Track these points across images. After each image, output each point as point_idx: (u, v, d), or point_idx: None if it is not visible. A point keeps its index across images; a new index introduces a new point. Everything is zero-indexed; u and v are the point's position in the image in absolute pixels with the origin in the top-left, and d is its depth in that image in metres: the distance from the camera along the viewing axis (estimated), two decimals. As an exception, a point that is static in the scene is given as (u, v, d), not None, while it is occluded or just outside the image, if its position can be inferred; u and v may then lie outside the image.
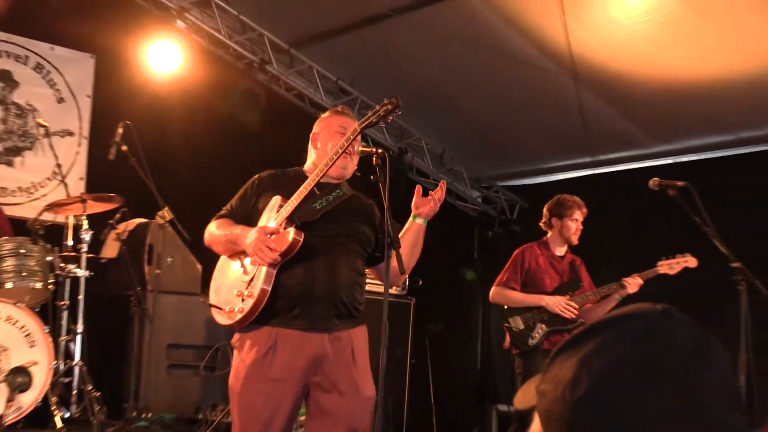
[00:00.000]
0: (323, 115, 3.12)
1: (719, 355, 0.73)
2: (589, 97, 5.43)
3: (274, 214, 2.87)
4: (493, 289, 4.73)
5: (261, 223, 2.88)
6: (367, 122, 2.78)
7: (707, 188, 4.14)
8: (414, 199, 2.90)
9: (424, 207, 2.85)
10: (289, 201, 2.86)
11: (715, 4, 4.67)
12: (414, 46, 5.72)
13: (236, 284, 2.88)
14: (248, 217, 2.95)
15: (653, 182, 4.05)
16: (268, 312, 2.80)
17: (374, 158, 2.81)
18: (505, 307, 4.74)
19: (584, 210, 4.71)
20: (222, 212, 3.01)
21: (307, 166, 3.01)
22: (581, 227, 4.66)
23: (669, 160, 5.92)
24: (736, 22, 4.72)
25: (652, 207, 4.88)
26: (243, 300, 2.83)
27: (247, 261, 2.87)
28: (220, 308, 2.92)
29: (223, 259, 3.01)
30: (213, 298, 2.95)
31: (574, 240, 4.71)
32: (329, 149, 2.86)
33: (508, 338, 4.70)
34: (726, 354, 0.73)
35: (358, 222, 2.98)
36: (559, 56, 5.17)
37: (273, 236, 2.81)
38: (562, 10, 4.68)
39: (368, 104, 5.96)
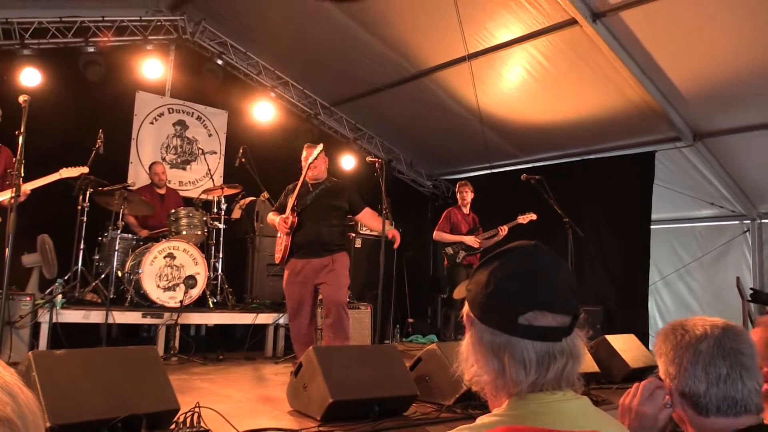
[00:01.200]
0: (304, 148, 4.69)
1: (564, 266, 1.09)
2: (488, 131, 7.72)
3: (289, 207, 4.50)
4: (434, 232, 6.85)
5: (285, 211, 4.50)
6: (312, 158, 4.50)
7: (549, 179, 6.27)
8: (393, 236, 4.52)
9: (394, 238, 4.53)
10: (291, 198, 4.47)
11: (551, 82, 6.78)
12: (397, 105, 8.16)
13: (279, 243, 4.60)
14: (283, 209, 4.58)
15: (523, 176, 6.19)
16: (290, 253, 4.41)
17: (377, 164, 4.57)
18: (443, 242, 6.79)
19: (467, 188, 6.86)
20: (274, 207, 4.75)
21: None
22: (466, 198, 6.82)
23: (529, 165, 8.33)
24: (562, 92, 6.95)
25: (521, 190, 6.48)
26: (279, 251, 4.51)
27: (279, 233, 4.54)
28: (276, 255, 4.62)
29: (278, 233, 4.63)
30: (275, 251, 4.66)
31: (466, 203, 6.82)
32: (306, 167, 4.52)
33: (445, 258, 6.84)
34: (567, 265, 1.16)
35: (335, 199, 4.46)
36: (473, 110, 7.51)
37: (286, 220, 4.40)
38: (474, 86, 7.07)
39: (372, 136, 8.86)
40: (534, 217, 6.66)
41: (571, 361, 1.07)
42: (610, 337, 4.63)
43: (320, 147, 4.55)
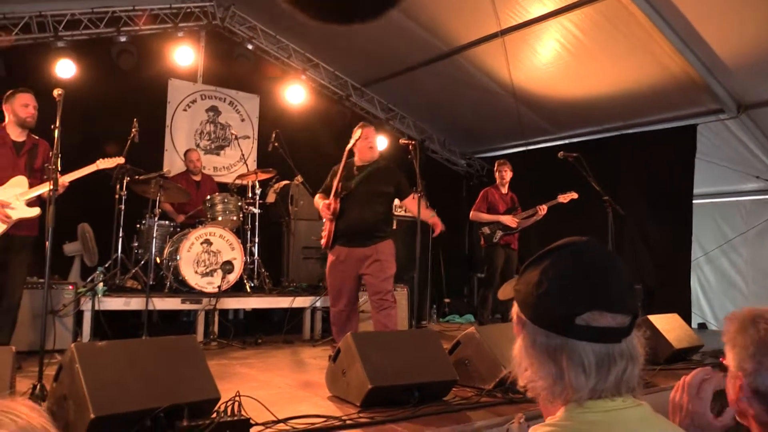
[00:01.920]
0: (355, 128, 4.48)
1: (620, 262, 1.03)
2: (522, 108, 7.60)
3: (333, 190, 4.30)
4: (471, 212, 6.74)
5: (330, 195, 4.29)
6: (354, 140, 4.36)
7: (585, 155, 6.05)
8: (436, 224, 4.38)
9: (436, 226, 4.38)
10: (335, 182, 4.25)
11: (586, 56, 6.62)
12: (429, 84, 8.05)
13: (323, 227, 4.46)
14: (329, 191, 4.34)
15: (560, 154, 5.95)
16: (336, 240, 4.28)
17: (411, 146, 4.37)
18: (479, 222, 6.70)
19: (506, 167, 6.73)
20: (320, 189, 4.48)
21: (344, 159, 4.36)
22: (506, 177, 6.70)
23: (565, 141, 8.21)
24: (598, 65, 6.78)
25: (557, 167, 6.26)
26: (324, 236, 4.39)
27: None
28: (322, 239, 4.45)
29: None
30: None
31: (505, 183, 6.69)
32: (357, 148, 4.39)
33: (481, 238, 6.73)
34: (621, 261, 1.01)
35: (380, 184, 4.26)
36: (506, 86, 7.42)
37: (328, 206, 4.23)
38: (508, 61, 7.01)
39: (404, 116, 8.78)
40: (575, 196, 6.47)
41: (631, 364, 1.02)
42: (652, 317, 4.52)
43: (369, 127, 4.44)
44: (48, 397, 2.54)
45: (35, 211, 4.01)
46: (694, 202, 7.50)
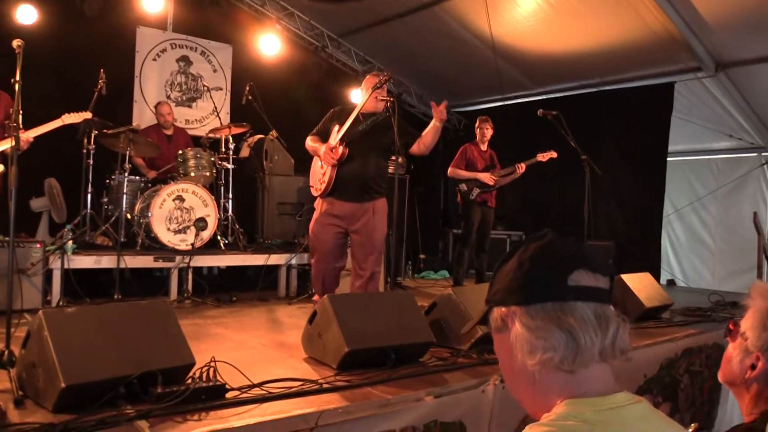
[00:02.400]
0: (367, 77, 4.31)
1: (580, 245, 1.06)
2: (501, 62, 7.50)
3: (335, 135, 4.09)
4: (449, 169, 6.65)
5: (330, 140, 4.09)
6: (375, 86, 4.12)
7: (564, 111, 5.91)
8: (433, 112, 4.07)
9: (437, 115, 4.04)
10: (342, 127, 4.06)
11: (569, 10, 6.53)
12: (407, 36, 7.90)
13: (318, 174, 4.22)
14: (325, 135, 4.17)
15: (540, 112, 5.78)
16: (332, 189, 4.09)
17: (388, 102, 4.13)
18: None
19: (487, 125, 6.65)
20: (313, 131, 4.26)
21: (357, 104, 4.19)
22: (486, 135, 6.63)
23: (543, 97, 8.20)
24: (579, 20, 6.68)
25: (535, 123, 6.13)
26: (320, 183, 4.17)
27: (322, 162, 4.17)
28: (311, 186, 4.28)
29: (314, 159, 4.30)
30: (310, 181, 4.36)
31: (485, 140, 6.63)
32: (366, 95, 4.16)
33: (458, 195, 6.66)
34: (584, 246, 1.05)
35: (383, 136, 4.12)
36: (486, 40, 7.29)
37: (333, 150, 4.03)
38: (488, 14, 6.83)
39: (381, 68, 8.40)
40: (554, 155, 6.44)
41: (621, 326, 1.00)
42: (625, 276, 4.57)
43: (387, 76, 4.23)
44: (17, 363, 2.47)
45: None
46: (667, 159, 7.54)
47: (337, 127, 4.11)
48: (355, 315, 3.03)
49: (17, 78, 2.83)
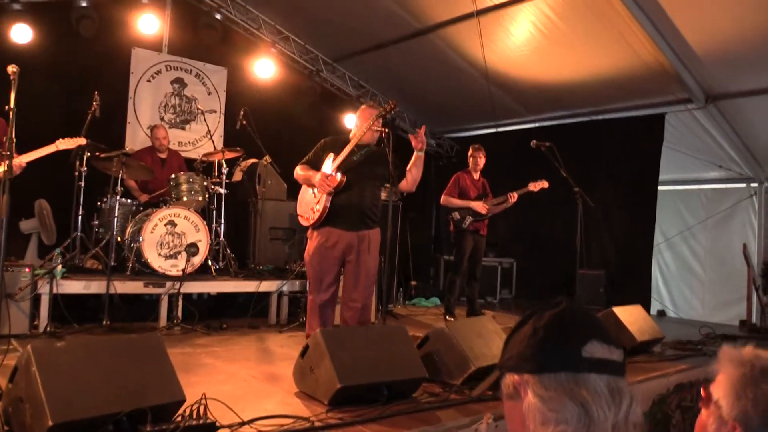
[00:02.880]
0: (362, 107, 4.28)
1: (595, 317, 1.07)
2: (494, 89, 7.49)
3: (330, 164, 4.03)
4: (442, 197, 6.62)
5: (323, 169, 4.02)
6: (380, 114, 4.04)
7: (555, 139, 6.08)
8: (412, 142, 4.03)
9: (417, 143, 4.02)
10: (338, 156, 4.00)
11: (562, 41, 6.57)
12: (402, 61, 7.95)
13: (310, 203, 4.10)
14: (317, 164, 4.10)
15: (533, 143, 5.88)
16: (326, 219, 3.99)
17: (383, 134, 4.07)
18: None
19: (481, 153, 6.59)
20: (303, 161, 4.19)
21: (351, 135, 4.13)
22: (479, 163, 6.57)
23: (536, 124, 8.28)
24: (572, 50, 6.74)
25: (528, 150, 6.12)
26: (313, 212, 4.05)
27: (315, 190, 4.06)
28: (300, 215, 4.17)
29: (303, 189, 4.23)
30: (298, 210, 4.25)
31: (478, 169, 6.58)
32: (362, 127, 4.08)
33: (451, 223, 6.63)
34: (598, 318, 1.06)
35: (378, 166, 4.10)
36: (479, 67, 7.25)
37: (330, 178, 3.94)
38: (482, 42, 6.77)
39: (375, 93, 8.62)
40: (546, 185, 6.40)
41: (634, 400, 1.00)
42: (617, 309, 4.58)
43: (391, 105, 4.11)
44: (2, 397, 2.42)
45: None
46: (657, 188, 7.59)
47: (332, 156, 4.07)
48: (347, 350, 3.00)
49: (11, 105, 2.80)
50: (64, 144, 3.98)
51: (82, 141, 4.15)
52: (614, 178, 7.81)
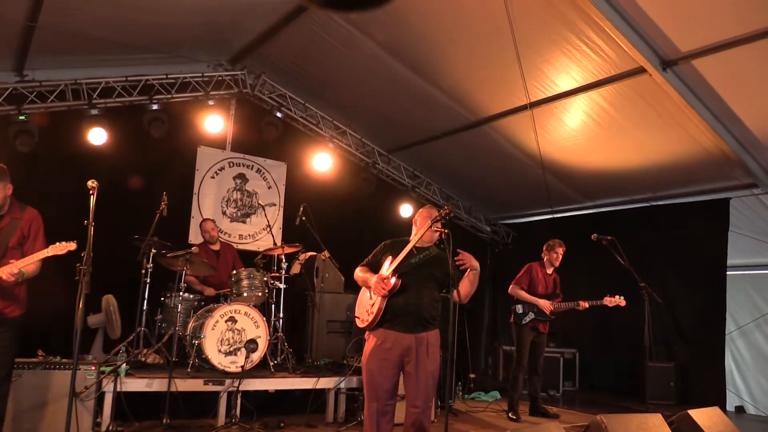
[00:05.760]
0: (420, 210, 4.20)
1: None
2: (549, 177, 7.52)
3: (387, 266, 3.97)
4: (511, 285, 6.47)
5: (382, 271, 3.97)
6: (435, 220, 3.93)
7: (614, 225, 6.30)
8: (461, 264, 3.89)
9: (467, 263, 3.90)
10: (396, 259, 3.94)
11: (616, 128, 6.63)
12: (455, 152, 8.12)
13: (366, 305, 4.02)
14: (376, 266, 4.04)
15: (594, 236, 5.69)
16: (382, 321, 3.90)
17: (443, 235, 3.88)
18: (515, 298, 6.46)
19: (561, 249, 6.44)
20: (363, 262, 4.14)
21: (411, 236, 4.07)
22: (557, 260, 6.42)
23: (593, 210, 8.14)
24: (627, 137, 6.76)
25: (584, 237, 5.96)
26: (368, 314, 3.97)
27: (371, 293, 3.96)
28: (357, 317, 4.12)
29: (362, 290, 4.14)
30: (355, 312, 4.14)
31: (556, 264, 6.47)
32: (419, 230, 4.00)
33: (512, 315, 6.49)
34: None
35: (436, 270, 4.00)
36: (534, 156, 7.34)
37: (385, 281, 3.87)
38: (536, 132, 6.83)
39: (430, 183, 8.76)
40: (623, 303, 6.18)
41: None
42: (693, 413, 4.28)
43: (447, 210, 4.00)
44: None
45: None
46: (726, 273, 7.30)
47: (390, 259, 4.01)
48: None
49: (90, 220, 2.92)
50: (54, 250, 3.73)
51: (72, 246, 3.80)
52: (677, 264, 7.58)
